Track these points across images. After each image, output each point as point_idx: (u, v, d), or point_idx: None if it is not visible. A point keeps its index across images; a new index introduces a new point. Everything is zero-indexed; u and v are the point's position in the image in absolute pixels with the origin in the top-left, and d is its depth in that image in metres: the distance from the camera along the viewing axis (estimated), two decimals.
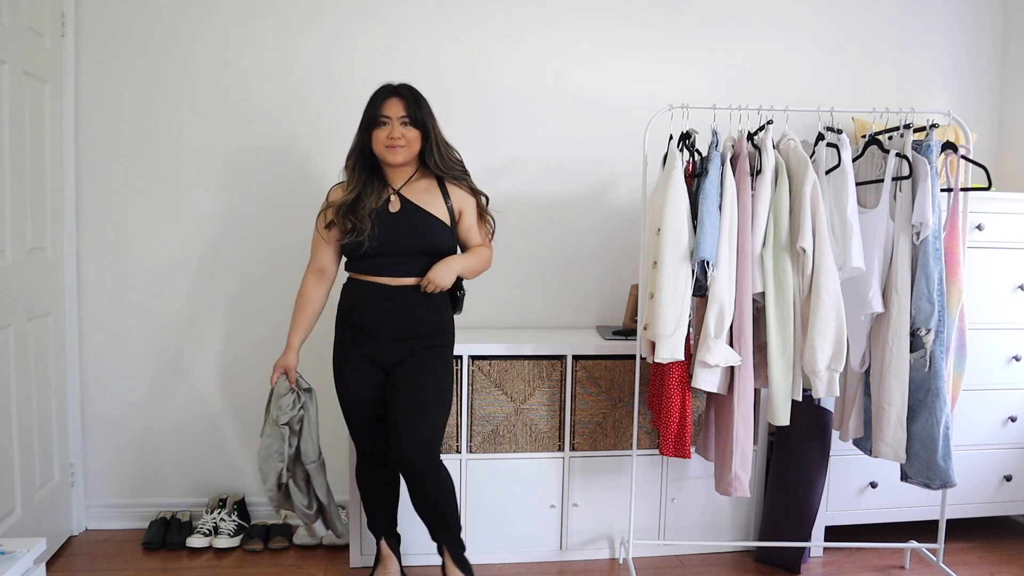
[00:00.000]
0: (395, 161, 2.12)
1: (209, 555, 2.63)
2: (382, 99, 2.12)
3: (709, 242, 2.16)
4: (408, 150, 2.12)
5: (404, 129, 2.10)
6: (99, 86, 2.71)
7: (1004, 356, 2.72)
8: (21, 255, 2.37)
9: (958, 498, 2.68)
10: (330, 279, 2.27)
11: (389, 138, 2.10)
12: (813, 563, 2.65)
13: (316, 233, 2.24)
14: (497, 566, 2.55)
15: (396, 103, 2.11)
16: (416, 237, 2.12)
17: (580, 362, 2.56)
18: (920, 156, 2.22)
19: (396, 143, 2.09)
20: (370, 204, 2.13)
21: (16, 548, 1.74)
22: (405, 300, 2.13)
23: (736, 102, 2.36)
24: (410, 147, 2.12)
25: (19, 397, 2.35)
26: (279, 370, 2.26)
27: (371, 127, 2.12)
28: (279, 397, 2.24)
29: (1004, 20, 3.18)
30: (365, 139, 2.14)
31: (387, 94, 2.13)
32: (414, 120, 2.11)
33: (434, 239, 2.14)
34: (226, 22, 2.75)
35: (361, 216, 2.10)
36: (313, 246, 2.26)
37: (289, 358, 2.26)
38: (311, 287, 2.26)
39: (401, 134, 2.10)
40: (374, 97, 2.14)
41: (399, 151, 2.11)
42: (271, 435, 2.22)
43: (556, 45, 2.91)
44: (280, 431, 2.22)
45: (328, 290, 2.29)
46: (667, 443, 2.32)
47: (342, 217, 2.13)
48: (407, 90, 2.14)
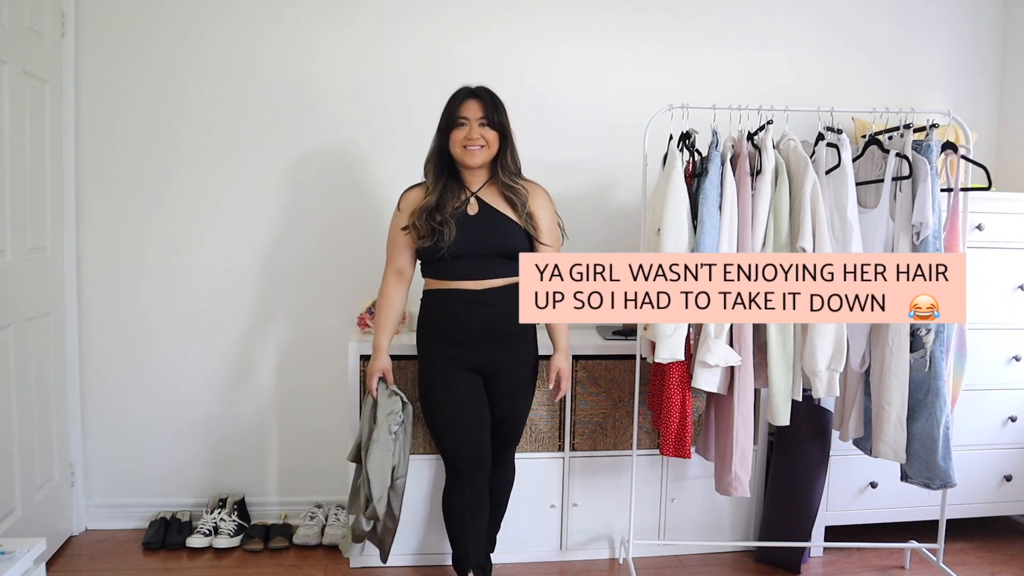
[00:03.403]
0: (473, 163, 2.13)
1: (209, 555, 2.63)
2: (460, 100, 2.13)
3: (709, 242, 2.16)
4: (487, 151, 2.13)
5: (482, 130, 2.12)
6: (99, 86, 2.71)
7: (1004, 356, 2.72)
8: (21, 255, 2.37)
9: (958, 498, 2.67)
10: (409, 280, 2.27)
11: (467, 139, 2.10)
12: (813, 563, 2.65)
13: (392, 236, 2.23)
14: (497, 566, 2.55)
15: (474, 104, 2.12)
16: (496, 239, 2.13)
17: (580, 362, 2.56)
18: (920, 156, 2.22)
19: (475, 143, 2.10)
20: (451, 207, 2.13)
21: (16, 548, 1.74)
22: (492, 302, 2.12)
23: (736, 102, 2.36)
24: (488, 148, 2.13)
25: (19, 397, 2.35)
26: (376, 375, 2.22)
27: (449, 128, 2.13)
28: (387, 405, 2.16)
29: (1004, 20, 3.18)
30: (444, 141, 2.15)
31: (465, 96, 2.14)
32: (491, 122, 2.12)
33: (512, 242, 2.13)
34: (227, 21, 2.75)
35: (444, 220, 2.10)
36: (389, 248, 2.24)
37: (384, 361, 2.22)
38: (392, 287, 2.24)
39: (480, 135, 2.11)
40: (452, 99, 2.15)
41: (478, 152, 2.11)
42: (384, 447, 2.12)
43: (556, 45, 2.91)
44: (388, 441, 2.13)
45: (407, 291, 2.28)
46: (667, 443, 2.32)
47: (425, 220, 2.11)
48: (485, 92, 2.15)
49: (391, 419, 2.15)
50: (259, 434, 2.88)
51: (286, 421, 2.87)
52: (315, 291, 2.85)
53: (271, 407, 2.87)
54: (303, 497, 2.88)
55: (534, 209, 2.18)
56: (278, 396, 2.87)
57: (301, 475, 2.91)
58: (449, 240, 2.09)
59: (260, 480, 2.90)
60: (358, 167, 2.83)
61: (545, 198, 2.24)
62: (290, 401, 2.86)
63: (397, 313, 2.25)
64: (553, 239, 2.22)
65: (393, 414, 2.16)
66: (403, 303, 2.27)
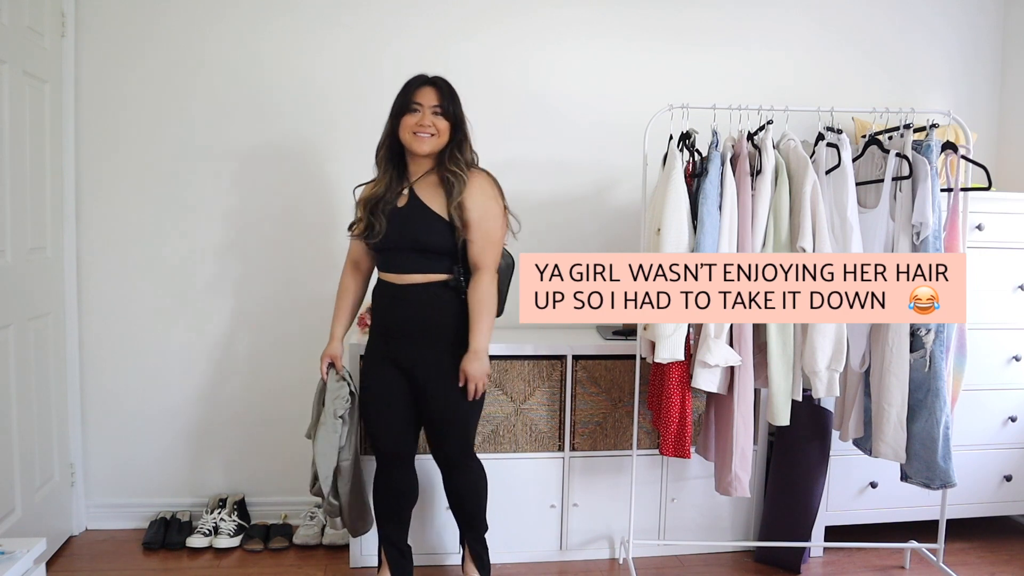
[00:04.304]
0: (421, 150, 2.07)
1: (209, 555, 2.63)
2: (416, 86, 2.09)
3: (709, 242, 2.16)
4: (436, 140, 2.07)
5: (435, 119, 2.07)
6: (99, 86, 2.71)
7: (1004, 356, 2.72)
8: (21, 255, 2.37)
9: (958, 498, 2.67)
10: (365, 271, 2.28)
11: (418, 125, 2.06)
12: (813, 563, 2.65)
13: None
14: (497, 566, 2.55)
15: (430, 92, 2.08)
16: (412, 234, 2.07)
17: (580, 362, 2.56)
18: (920, 156, 2.22)
19: (425, 130, 2.06)
20: (388, 199, 2.11)
21: (16, 548, 1.74)
22: (412, 298, 2.10)
23: (736, 102, 2.36)
24: (439, 137, 2.08)
25: (19, 397, 2.35)
26: (326, 360, 2.26)
27: (402, 113, 2.09)
28: (334, 391, 2.22)
29: (1004, 20, 3.18)
30: (395, 126, 2.11)
31: (422, 82, 2.10)
32: (445, 111, 2.08)
33: (426, 237, 2.06)
34: (228, 20, 2.75)
35: (375, 212, 2.10)
36: (351, 240, 2.27)
37: (334, 347, 2.26)
38: (348, 278, 2.29)
39: (432, 123, 2.06)
40: (408, 84, 2.11)
41: (427, 140, 2.06)
42: (330, 429, 2.19)
43: (555, 45, 2.91)
44: (335, 424, 2.20)
45: (365, 281, 2.29)
46: (667, 443, 2.32)
47: (367, 212, 2.13)
48: (443, 81, 2.12)
49: (337, 403, 2.21)
50: (259, 434, 2.88)
51: (287, 421, 2.87)
52: (319, 292, 2.84)
53: (272, 407, 2.87)
54: (303, 497, 2.86)
55: (466, 200, 2.05)
56: (279, 396, 2.87)
57: (301, 475, 2.89)
58: (379, 233, 2.09)
59: (260, 480, 2.89)
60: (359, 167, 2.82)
61: (483, 188, 2.09)
62: (291, 401, 2.86)
63: (351, 302, 2.28)
64: (484, 234, 2.06)
65: (340, 399, 2.21)
66: (359, 293, 2.30)
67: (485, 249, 2.08)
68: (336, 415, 2.19)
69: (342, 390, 2.22)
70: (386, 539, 2.29)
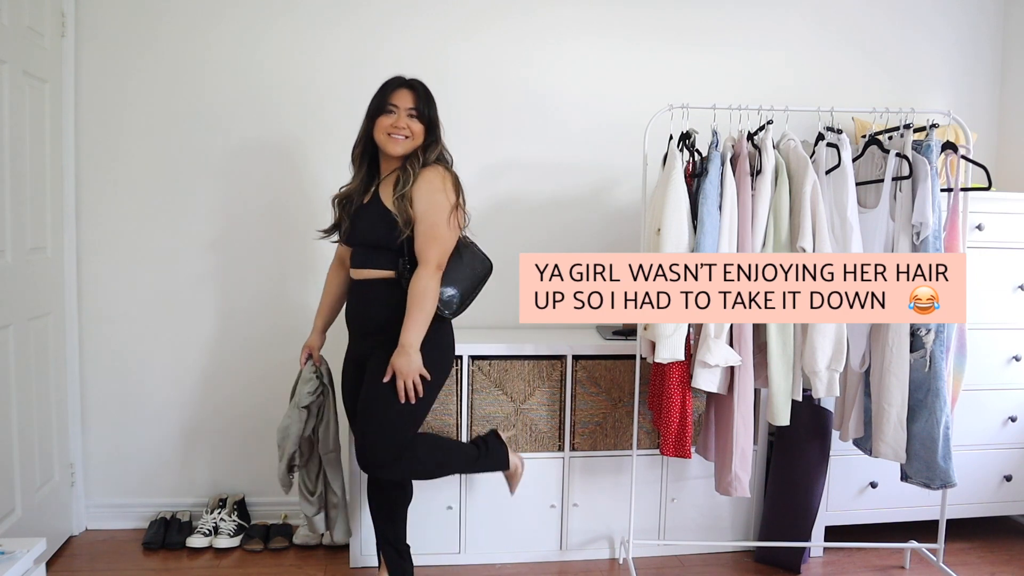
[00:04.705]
0: (395, 151, 2.09)
1: (209, 555, 2.63)
2: (393, 88, 2.11)
3: (709, 242, 2.16)
4: (410, 142, 2.09)
5: (410, 121, 2.09)
6: (99, 86, 2.71)
7: (1004, 356, 2.72)
8: (21, 255, 2.37)
9: (958, 498, 2.67)
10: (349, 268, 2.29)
11: (393, 127, 2.08)
12: (813, 563, 2.65)
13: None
14: (497, 566, 2.55)
15: (406, 94, 2.10)
16: (362, 229, 2.12)
17: (580, 362, 2.56)
18: (920, 156, 2.22)
19: (400, 132, 2.08)
20: (355, 198, 2.18)
21: (16, 548, 1.74)
22: (363, 295, 2.15)
23: (736, 102, 2.36)
24: (413, 140, 2.09)
25: (19, 397, 2.35)
26: (305, 351, 2.35)
27: (378, 114, 2.10)
28: (304, 382, 2.31)
29: (1004, 20, 3.18)
30: (370, 127, 2.13)
31: (398, 84, 2.12)
32: (420, 114, 2.10)
33: (372, 232, 2.08)
34: (229, 20, 2.75)
35: (346, 208, 2.17)
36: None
37: (313, 339, 2.36)
38: (332, 273, 2.37)
39: (407, 125, 2.08)
40: (384, 86, 2.13)
41: (400, 142, 2.08)
42: (290, 416, 2.28)
43: (555, 45, 2.91)
44: (299, 413, 2.27)
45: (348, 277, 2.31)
46: (667, 443, 2.32)
47: (335, 209, 2.21)
48: (420, 84, 2.14)
49: (302, 395, 2.29)
50: (259, 434, 2.87)
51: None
52: (320, 291, 2.84)
53: (272, 406, 2.87)
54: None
55: (412, 193, 2.04)
56: (279, 396, 2.87)
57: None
58: (346, 231, 2.17)
59: (260, 480, 2.89)
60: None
61: (431, 182, 2.05)
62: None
63: (333, 296, 2.36)
64: (427, 227, 2.02)
65: (306, 391, 2.29)
66: (341, 288, 2.34)
67: (428, 243, 2.03)
68: (300, 405, 2.28)
69: (311, 383, 2.30)
70: (382, 538, 2.30)
